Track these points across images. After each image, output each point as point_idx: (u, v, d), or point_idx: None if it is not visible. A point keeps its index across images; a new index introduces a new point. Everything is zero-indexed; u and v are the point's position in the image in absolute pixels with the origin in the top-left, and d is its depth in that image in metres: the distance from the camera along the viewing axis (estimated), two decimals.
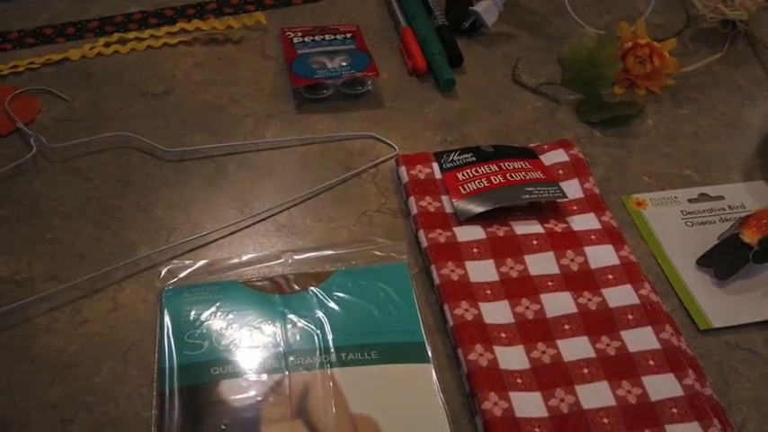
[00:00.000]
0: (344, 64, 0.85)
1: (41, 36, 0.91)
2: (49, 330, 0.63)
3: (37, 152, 0.76)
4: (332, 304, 0.63)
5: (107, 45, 0.90)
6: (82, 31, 0.92)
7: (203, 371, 0.59)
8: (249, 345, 0.60)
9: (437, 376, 0.60)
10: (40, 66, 0.87)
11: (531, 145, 0.78)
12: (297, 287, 0.65)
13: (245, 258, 0.68)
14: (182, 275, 0.66)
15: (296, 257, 0.68)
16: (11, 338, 0.62)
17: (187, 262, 0.67)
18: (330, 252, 0.68)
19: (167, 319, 0.62)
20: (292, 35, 0.90)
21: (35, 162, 0.76)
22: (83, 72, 0.87)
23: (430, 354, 0.61)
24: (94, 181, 0.75)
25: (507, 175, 0.73)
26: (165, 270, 0.66)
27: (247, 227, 0.71)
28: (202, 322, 0.62)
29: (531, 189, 0.71)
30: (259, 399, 0.57)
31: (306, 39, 0.89)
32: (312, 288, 0.65)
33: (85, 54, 0.89)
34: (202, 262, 0.67)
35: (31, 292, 0.65)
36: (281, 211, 0.73)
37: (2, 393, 0.59)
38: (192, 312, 0.63)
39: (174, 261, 0.67)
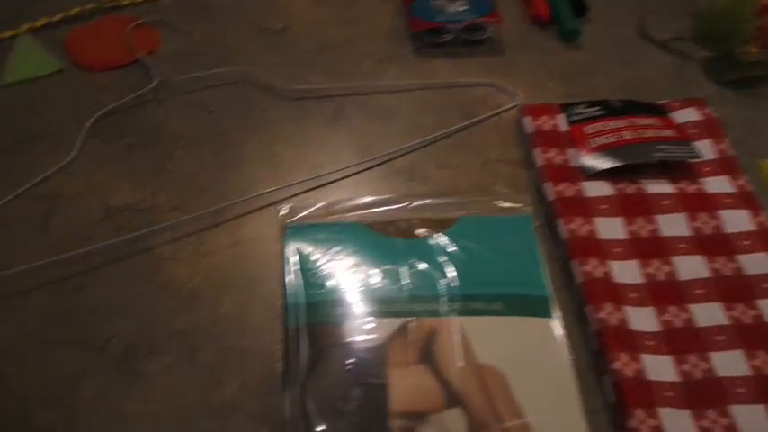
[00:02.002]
0: (466, 8, 0.83)
1: None
2: (173, 260, 0.63)
3: (159, 83, 0.76)
4: (456, 252, 0.62)
5: None
6: None
7: (329, 310, 0.58)
8: (374, 287, 0.60)
9: (563, 332, 0.58)
10: None
11: (661, 102, 0.75)
12: (420, 232, 0.64)
13: (366, 201, 0.67)
14: (303, 214, 0.65)
15: (418, 203, 0.66)
16: (137, 265, 0.63)
17: (308, 201, 0.66)
18: (452, 200, 0.67)
19: (292, 257, 0.62)
20: None
21: (156, 93, 0.76)
22: (199, 5, 0.86)
23: (555, 309, 0.59)
24: (215, 114, 0.74)
25: (637, 131, 0.70)
26: (287, 207, 0.66)
27: (367, 169, 0.70)
28: (327, 262, 0.61)
29: (664, 147, 0.68)
30: (384, 341, 0.57)
31: None
32: (436, 234, 0.63)
33: None
34: (323, 202, 0.66)
35: (156, 220, 0.65)
36: (401, 156, 0.71)
37: (131, 317, 0.59)
38: (316, 251, 0.62)
39: (295, 199, 0.67)
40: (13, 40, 0.81)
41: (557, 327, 0.58)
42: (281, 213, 0.65)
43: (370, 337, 0.57)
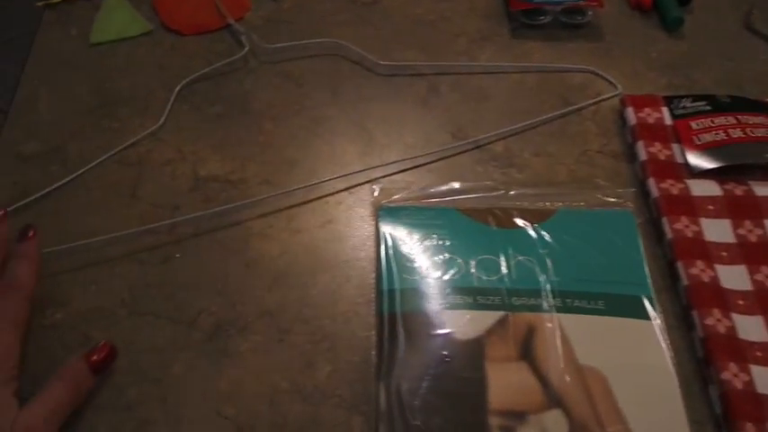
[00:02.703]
0: None
1: None
2: (263, 235, 0.61)
3: (248, 51, 0.74)
4: (555, 245, 0.60)
5: None
6: None
7: (425, 298, 0.56)
8: (470, 277, 0.58)
9: (666, 336, 0.55)
10: None
11: None
12: (518, 222, 0.61)
13: (461, 186, 0.65)
14: (397, 196, 0.63)
15: (515, 191, 0.64)
16: (226, 239, 0.61)
17: (400, 182, 0.64)
18: (551, 190, 0.64)
19: (386, 240, 0.60)
20: None
21: (246, 61, 0.74)
22: None
23: (659, 311, 0.57)
24: (305, 87, 0.72)
25: (747, 129, 0.67)
26: (380, 187, 0.64)
27: (462, 152, 0.68)
28: (422, 247, 0.60)
29: None
30: (482, 335, 0.55)
31: None
32: (534, 225, 0.61)
33: None
34: (417, 184, 0.64)
35: (245, 193, 0.64)
36: (497, 140, 0.69)
37: (221, 293, 0.58)
38: (411, 236, 0.60)
39: (386, 179, 0.65)
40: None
41: (660, 330, 0.56)
42: (373, 193, 0.63)
43: (468, 329, 0.55)
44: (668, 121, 0.69)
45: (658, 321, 0.56)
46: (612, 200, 0.64)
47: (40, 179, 0.64)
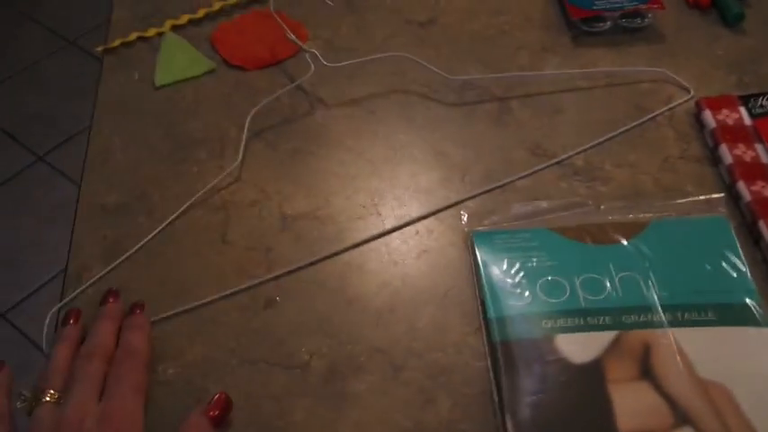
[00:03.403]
0: None
1: None
2: (361, 271, 0.61)
3: (314, 73, 0.73)
4: (655, 257, 0.60)
5: None
6: None
7: (534, 323, 0.56)
8: (577, 298, 0.57)
9: None
10: None
11: None
12: (613, 237, 0.61)
13: (548, 204, 0.64)
14: (488, 221, 0.63)
15: (605, 205, 0.64)
16: (324, 277, 0.61)
17: (486, 205, 0.64)
18: (640, 201, 0.64)
19: (484, 266, 0.60)
20: None
21: (313, 89, 0.74)
22: None
23: None
24: (377, 114, 0.73)
25: None
26: (469, 213, 0.64)
27: (543, 169, 0.67)
28: (521, 271, 0.59)
29: None
30: (600, 356, 0.54)
31: None
32: (629, 239, 0.61)
33: None
34: (504, 206, 0.64)
35: (335, 229, 0.64)
36: (577, 154, 0.68)
37: (328, 334, 0.58)
38: (508, 259, 0.60)
39: (474, 203, 0.65)
40: (159, 40, 0.79)
41: None
42: (463, 220, 0.63)
43: (583, 352, 0.55)
44: (747, 121, 0.69)
45: None
46: (703, 207, 0.63)
47: (128, 231, 0.64)
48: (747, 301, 0.57)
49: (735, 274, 0.59)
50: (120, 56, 0.78)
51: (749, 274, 0.59)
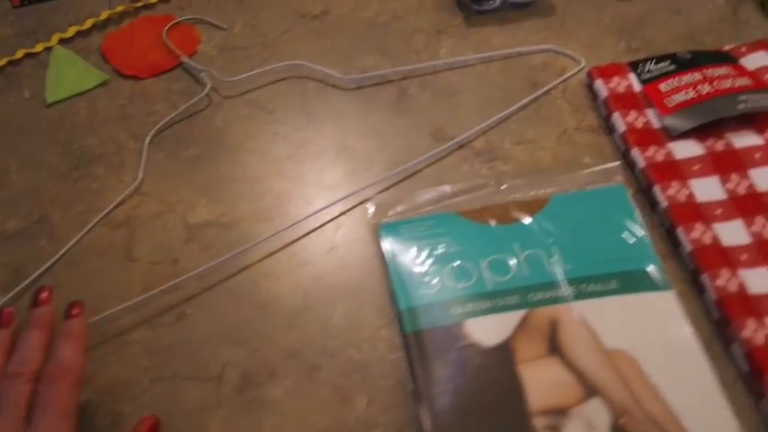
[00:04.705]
0: None
1: None
2: (271, 274, 0.61)
3: (210, 88, 0.73)
4: (557, 232, 0.61)
5: None
6: None
7: (444, 311, 0.57)
8: (484, 281, 0.58)
9: (680, 303, 0.57)
10: None
11: (726, 48, 0.73)
12: (516, 216, 0.62)
13: (453, 188, 0.65)
14: (393, 210, 0.63)
15: (506, 184, 0.65)
16: (234, 285, 0.61)
17: (394, 196, 0.64)
18: (540, 177, 0.65)
19: (392, 258, 0.60)
20: None
21: (210, 97, 0.73)
22: None
23: (668, 280, 0.58)
24: (276, 113, 0.72)
25: (714, 83, 0.68)
26: (374, 205, 0.64)
27: (444, 154, 0.68)
28: (429, 258, 0.60)
29: (745, 98, 0.67)
30: (508, 337, 0.56)
31: None
32: (532, 216, 0.62)
33: None
34: (410, 196, 0.64)
35: (241, 233, 0.63)
36: (477, 137, 0.69)
37: (241, 342, 0.58)
38: (416, 248, 0.60)
39: (380, 195, 0.65)
40: (47, 54, 0.77)
41: (674, 299, 0.57)
42: (369, 212, 0.63)
43: (493, 335, 0.56)
44: (637, 87, 0.70)
45: (671, 291, 0.58)
46: (600, 177, 0.65)
47: (30, 256, 0.63)
48: (647, 266, 0.59)
49: (634, 241, 0.61)
50: (7, 75, 0.76)
51: (648, 239, 0.60)
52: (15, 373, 0.50)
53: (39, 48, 0.78)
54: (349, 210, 0.65)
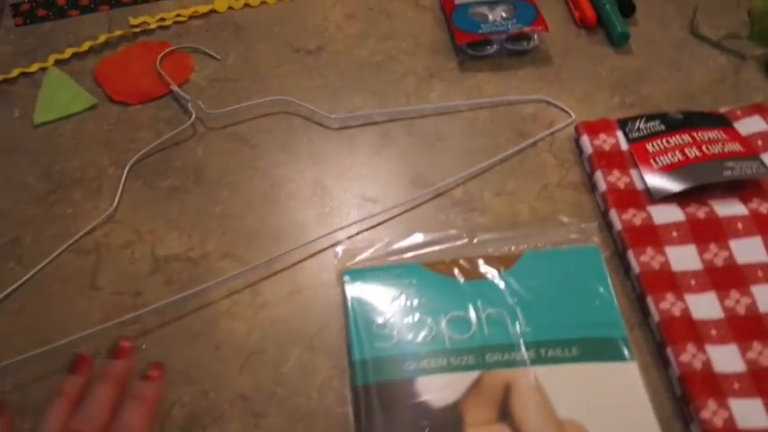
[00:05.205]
0: (506, 15, 0.79)
1: None
2: (230, 314, 0.60)
3: (196, 118, 0.73)
4: (524, 292, 0.60)
5: None
6: None
7: (397, 366, 0.56)
8: (442, 337, 0.57)
9: (642, 376, 0.55)
10: (187, 19, 0.83)
11: (722, 110, 0.72)
12: (484, 272, 0.61)
13: (424, 238, 0.64)
14: (360, 257, 0.63)
15: (478, 238, 0.63)
16: (193, 322, 0.60)
17: (364, 242, 0.63)
18: (515, 232, 0.64)
19: (352, 306, 0.59)
20: None
21: (194, 128, 0.73)
22: (231, 25, 0.83)
23: (633, 350, 0.56)
24: (258, 148, 0.72)
25: (703, 147, 0.66)
26: (343, 250, 0.63)
27: (423, 203, 0.67)
28: (389, 310, 0.59)
29: (732, 165, 0.65)
30: (459, 399, 0.54)
31: None
32: (501, 273, 0.61)
33: (232, 5, 0.84)
34: (380, 242, 0.63)
35: (207, 270, 0.63)
36: (457, 186, 0.68)
37: (192, 381, 0.57)
38: (377, 298, 0.60)
39: (351, 240, 0.64)
40: (42, 75, 0.78)
41: (636, 371, 0.55)
42: (336, 257, 0.63)
43: (444, 394, 0.55)
44: (624, 145, 0.69)
45: (635, 362, 0.56)
46: (576, 236, 0.63)
47: None
48: (612, 335, 0.57)
49: (603, 308, 0.59)
50: (0, 92, 0.77)
51: (617, 306, 0.59)
52: (78, 431, 0.48)
53: (34, 68, 0.78)
54: (317, 252, 0.64)
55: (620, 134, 0.69)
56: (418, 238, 0.64)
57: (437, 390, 0.55)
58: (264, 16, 0.84)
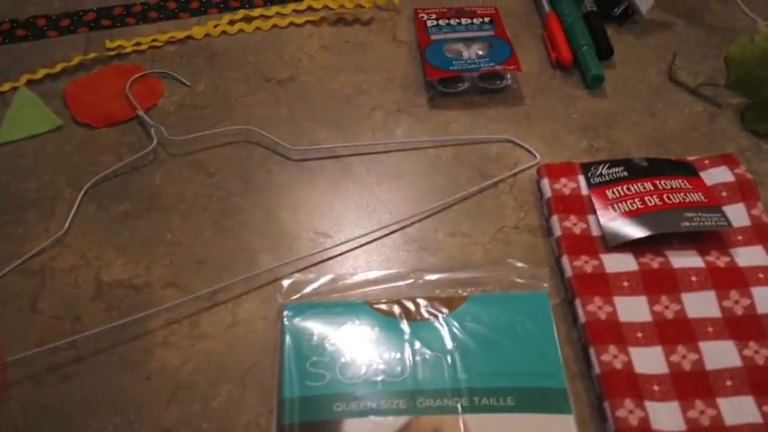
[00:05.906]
0: (482, 53, 0.78)
1: (165, 10, 0.87)
2: (166, 344, 0.60)
3: (157, 143, 0.72)
4: (464, 337, 0.58)
5: (231, 23, 0.85)
6: (206, 6, 0.88)
7: (326, 406, 0.54)
8: (375, 379, 0.56)
9: (578, 430, 0.53)
10: (163, 44, 0.83)
11: (691, 158, 0.70)
12: (426, 314, 0.59)
13: (371, 276, 0.63)
14: (304, 291, 0.62)
15: (426, 278, 0.62)
16: (128, 350, 0.59)
17: (310, 276, 0.63)
18: (462, 275, 0.62)
19: (288, 343, 0.58)
20: (426, 17, 0.84)
21: (155, 153, 0.73)
22: (206, 52, 0.83)
23: (571, 404, 0.54)
24: (216, 177, 0.71)
25: (664, 196, 0.65)
26: (288, 284, 0.62)
27: (375, 240, 0.66)
28: (325, 349, 0.58)
29: (692, 215, 0.63)
30: None
31: (440, 22, 0.83)
32: (444, 315, 0.59)
33: (209, 32, 0.84)
34: (326, 278, 0.62)
35: (149, 298, 0.62)
36: (412, 224, 0.67)
37: (118, 412, 0.56)
38: (315, 336, 0.58)
39: (297, 274, 0.63)
40: (12, 94, 0.78)
41: (572, 424, 0.54)
42: (281, 291, 0.61)
43: None
44: (585, 190, 0.67)
45: (571, 415, 0.54)
46: (526, 281, 0.62)
47: None
48: (551, 385, 0.56)
49: (544, 356, 0.57)
50: None
51: (560, 355, 0.57)
52: None
53: (6, 87, 0.78)
54: (263, 285, 0.63)
55: (581, 179, 0.68)
56: (365, 275, 0.63)
57: None
58: (241, 44, 0.83)
